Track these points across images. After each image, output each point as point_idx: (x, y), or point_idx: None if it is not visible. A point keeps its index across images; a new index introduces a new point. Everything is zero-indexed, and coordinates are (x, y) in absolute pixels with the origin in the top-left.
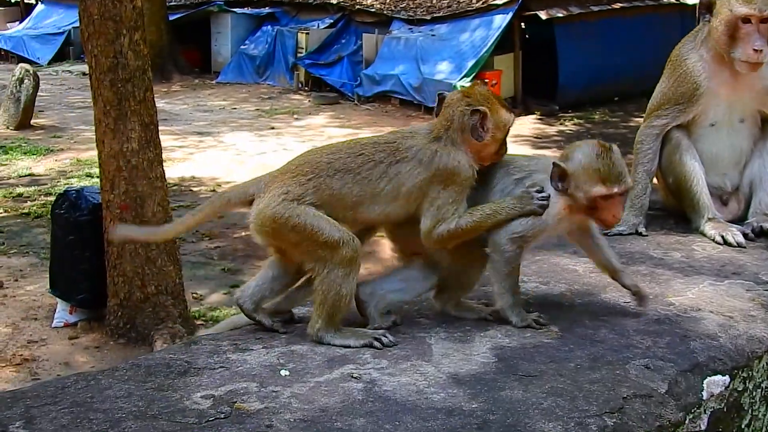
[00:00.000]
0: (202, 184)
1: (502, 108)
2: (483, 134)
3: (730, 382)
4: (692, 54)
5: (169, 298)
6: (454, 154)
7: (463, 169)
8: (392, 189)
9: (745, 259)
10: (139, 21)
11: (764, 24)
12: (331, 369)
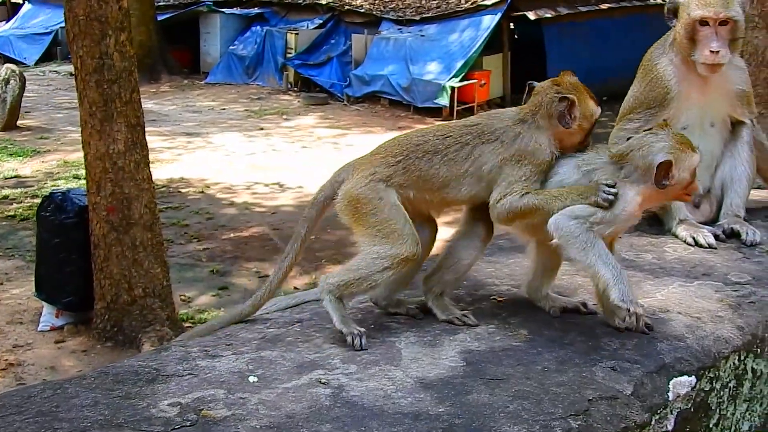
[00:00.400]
0: (190, 186)
1: (590, 99)
2: (570, 122)
3: (697, 382)
4: (663, 58)
5: (156, 300)
6: (537, 136)
7: (543, 151)
8: (476, 170)
9: (715, 260)
10: (126, 22)
11: (722, 26)
12: (300, 375)
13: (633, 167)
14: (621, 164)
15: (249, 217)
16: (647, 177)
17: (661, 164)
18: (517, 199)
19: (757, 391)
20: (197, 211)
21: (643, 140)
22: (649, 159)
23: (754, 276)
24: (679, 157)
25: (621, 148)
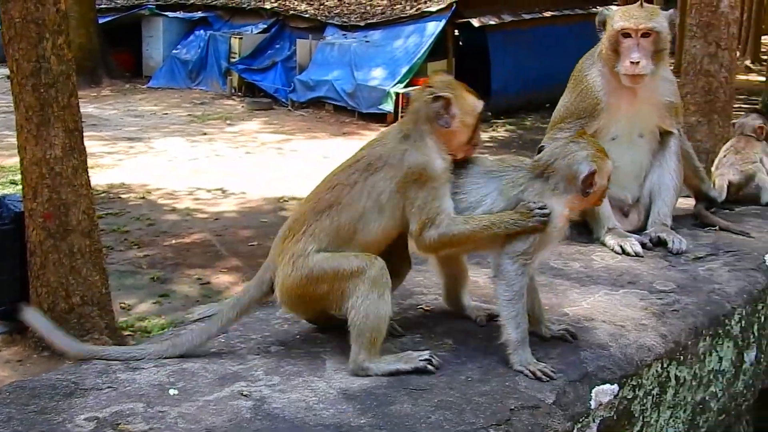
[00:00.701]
0: (131, 191)
1: (467, 93)
2: (450, 120)
3: (619, 390)
4: (592, 69)
5: (95, 308)
6: (423, 149)
7: (435, 161)
8: (374, 203)
9: (641, 269)
10: (64, 25)
11: (645, 38)
12: (222, 387)
13: (559, 177)
14: (547, 175)
15: (191, 223)
16: (572, 186)
17: (587, 174)
18: (445, 227)
19: (680, 398)
20: (138, 218)
21: (566, 149)
22: (575, 169)
23: (679, 284)
24: (601, 165)
25: (544, 158)
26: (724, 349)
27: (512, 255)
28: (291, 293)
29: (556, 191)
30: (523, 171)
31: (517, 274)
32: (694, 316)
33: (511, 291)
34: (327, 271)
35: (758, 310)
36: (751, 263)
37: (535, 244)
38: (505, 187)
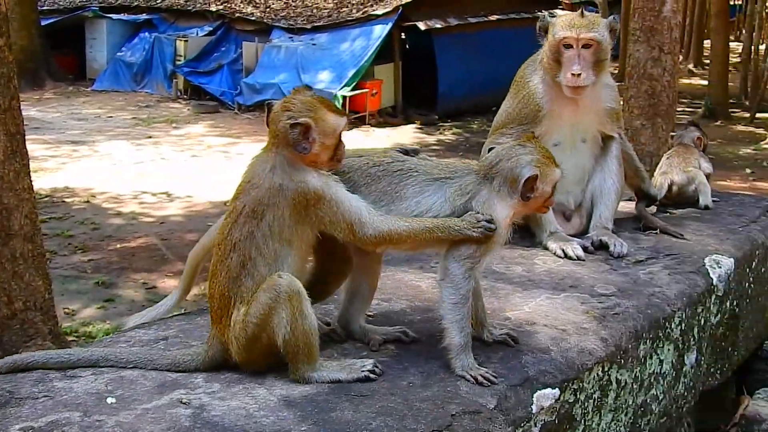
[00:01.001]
0: (75, 195)
1: (329, 113)
2: (310, 146)
3: (560, 394)
4: (534, 76)
5: (38, 314)
6: (294, 176)
7: (311, 183)
8: (280, 241)
9: (583, 272)
10: (4, 26)
11: (585, 49)
12: (161, 394)
13: (502, 180)
14: (491, 176)
15: (136, 227)
16: (514, 190)
17: (528, 178)
18: (376, 225)
19: (622, 401)
20: (82, 222)
21: (512, 152)
22: (516, 172)
23: (620, 288)
24: (544, 171)
25: (490, 159)
26: (664, 352)
27: (459, 258)
28: (240, 342)
29: (501, 194)
30: (471, 176)
31: (464, 277)
32: (634, 319)
33: (458, 294)
34: (252, 308)
35: (698, 312)
36: (691, 266)
37: (482, 247)
38: (452, 195)
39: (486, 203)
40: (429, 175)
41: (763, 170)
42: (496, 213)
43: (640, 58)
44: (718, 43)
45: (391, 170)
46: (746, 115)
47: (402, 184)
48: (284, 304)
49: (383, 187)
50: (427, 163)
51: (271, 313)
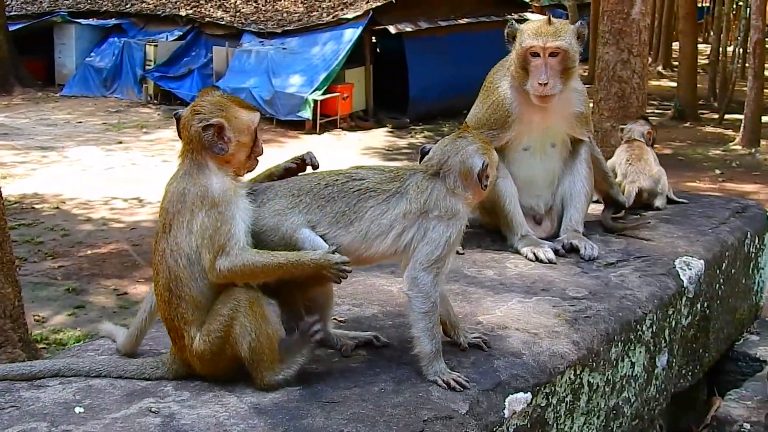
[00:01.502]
0: (45, 201)
1: (241, 110)
2: (225, 146)
3: (532, 398)
4: (503, 82)
5: (7, 321)
6: (199, 179)
7: (213, 188)
8: (187, 261)
9: (554, 276)
10: None
11: (552, 57)
12: (130, 403)
13: (455, 175)
14: (443, 174)
15: (107, 233)
16: (469, 182)
17: (482, 168)
18: (236, 257)
19: (594, 404)
20: (52, 228)
21: (455, 145)
22: (469, 164)
23: (591, 290)
24: (491, 157)
25: (436, 157)
26: (636, 355)
27: (427, 265)
28: (218, 374)
29: (457, 189)
30: (421, 179)
31: (433, 284)
32: (606, 322)
33: (429, 303)
34: (218, 337)
35: (669, 314)
36: (662, 268)
37: (447, 249)
38: (409, 207)
39: (444, 202)
40: (384, 192)
41: (732, 171)
42: (458, 209)
43: (609, 60)
44: (687, 45)
45: (346, 190)
46: (715, 116)
47: (359, 204)
48: (246, 312)
49: (340, 208)
50: (376, 177)
51: (233, 324)
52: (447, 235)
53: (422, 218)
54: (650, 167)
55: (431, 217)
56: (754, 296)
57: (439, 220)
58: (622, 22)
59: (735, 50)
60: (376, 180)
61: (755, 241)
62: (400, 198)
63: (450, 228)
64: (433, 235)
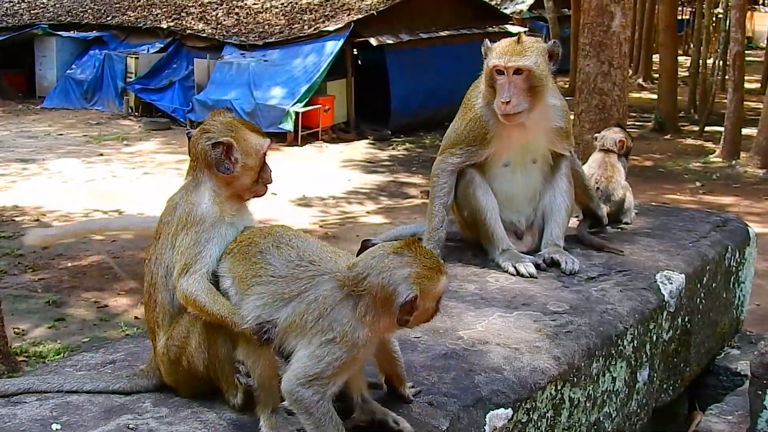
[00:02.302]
0: (25, 214)
1: (251, 133)
2: (232, 166)
3: (513, 414)
4: (480, 99)
5: None
6: (192, 196)
7: (201, 207)
8: (165, 271)
9: (535, 290)
10: None
11: (516, 76)
12: (108, 420)
13: (369, 299)
14: (357, 294)
15: (87, 245)
16: (385, 310)
17: (406, 301)
18: (194, 283)
19: (575, 419)
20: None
21: (384, 262)
22: (390, 290)
23: (572, 305)
24: (426, 287)
25: (357, 270)
26: (617, 369)
27: (304, 380)
28: (181, 386)
29: (367, 317)
30: (329, 285)
31: (314, 401)
32: (587, 336)
33: (313, 419)
34: (176, 346)
35: (650, 329)
36: (643, 283)
37: (335, 367)
38: (304, 315)
39: (342, 327)
40: (277, 286)
41: (712, 183)
42: (357, 339)
43: (590, 72)
44: (667, 58)
45: (249, 257)
46: (695, 128)
47: (253, 280)
48: (201, 330)
49: (241, 273)
50: (286, 268)
51: (189, 339)
52: (335, 356)
53: (311, 333)
54: (616, 189)
55: (321, 336)
56: (735, 310)
57: (330, 343)
58: (602, 34)
59: (715, 62)
60: (284, 272)
61: (736, 255)
62: (295, 302)
63: (341, 351)
64: (317, 352)
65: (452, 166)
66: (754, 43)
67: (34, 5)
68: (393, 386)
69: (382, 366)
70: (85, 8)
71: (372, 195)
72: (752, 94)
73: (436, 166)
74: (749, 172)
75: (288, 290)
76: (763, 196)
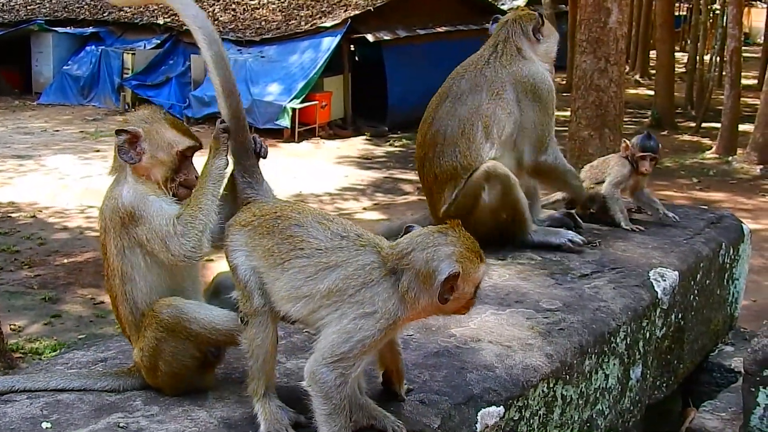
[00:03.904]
0: (21, 210)
1: (171, 129)
2: (135, 156)
3: (505, 412)
4: None
5: None
6: (114, 189)
7: (125, 197)
8: (126, 273)
9: (528, 287)
10: None
11: None
12: (98, 418)
13: (412, 275)
14: (400, 269)
15: (83, 241)
16: (426, 288)
17: (448, 276)
18: (190, 231)
19: (567, 417)
20: (28, 237)
21: (428, 239)
22: (432, 266)
23: (565, 302)
24: (467, 268)
25: (401, 246)
26: (610, 367)
27: (330, 360)
28: (164, 387)
29: (408, 293)
30: (372, 258)
31: (336, 385)
32: (579, 334)
33: (330, 405)
34: (149, 355)
35: (643, 326)
36: (636, 280)
37: (363, 346)
38: (344, 282)
39: (384, 302)
40: (322, 257)
41: (708, 179)
42: (396, 315)
43: (586, 69)
44: (664, 54)
45: (281, 230)
46: (692, 124)
47: (292, 253)
48: (168, 337)
49: (270, 246)
50: (324, 234)
51: (159, 347)
52: (366, 333)
53: (347, 304)
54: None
55: (357, 308)
56: (729, 307)
57: (366, 317)
58: (599, 30)
59: (712, 59)
60: (328, 244)
61: (730, 252)
62: (339, 270)
63: (374, 328)
64: (348, 326)
65: None
66: (752, 39)
67: (31, 1)
68: (391, 381)
69: (384, 360)
70: (82, 4)
71: (368, 191)
72: (749, 91)
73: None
74: (745, 169)
75: (332, 260)
76: (760, 192)
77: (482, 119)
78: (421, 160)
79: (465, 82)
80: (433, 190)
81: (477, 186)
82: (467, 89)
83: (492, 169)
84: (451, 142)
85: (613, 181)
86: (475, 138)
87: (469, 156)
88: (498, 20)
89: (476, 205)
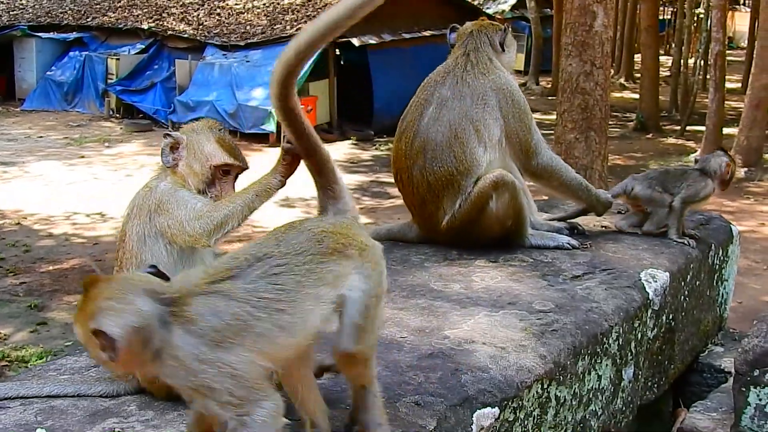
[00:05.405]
0: (5, 217)
1: (211, 142)
2: (172, 161)
3: (500, 413)
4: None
5: None
6: (152, 181)
7: (159, 188)
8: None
9: (520, 289)
10: None
11: None
12: (93, 424)
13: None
14: None
15: (69, 248)
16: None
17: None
18: (212, 218)
19: (561, 418)
20: (13, 244)
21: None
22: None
23: (557, 303)
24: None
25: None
26: (602, 368)
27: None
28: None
29: None
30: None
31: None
32: (572, 335)
33: None
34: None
35: (635, 327)
36: (627, 281)
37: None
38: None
39: None
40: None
41: None
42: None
43: (572, 72)
44: (649, 58)
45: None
46: (677, 127)
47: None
48: None
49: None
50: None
51: None
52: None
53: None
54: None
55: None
56: (719, 308)
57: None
58: (584, 34)
59: (696, 62)
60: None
61: (719, 253)
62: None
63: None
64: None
65: None
66: (735, 43)
67: (13, 6)
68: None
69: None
70: (65, 9)
71: (354, 195)
72: (733, 94)
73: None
74: None
75: None
76: (744, 194)
77: (473, 123)
78: (407, 171)
79: (447, 90)
80: (426, 200)
81: (485, 195)
82: (450, 96)
83: (500, 178)
84: (444, 147)
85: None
86: (469, 141)
87: (465, 160)
88: (456, 29)
89: (483, 214)
